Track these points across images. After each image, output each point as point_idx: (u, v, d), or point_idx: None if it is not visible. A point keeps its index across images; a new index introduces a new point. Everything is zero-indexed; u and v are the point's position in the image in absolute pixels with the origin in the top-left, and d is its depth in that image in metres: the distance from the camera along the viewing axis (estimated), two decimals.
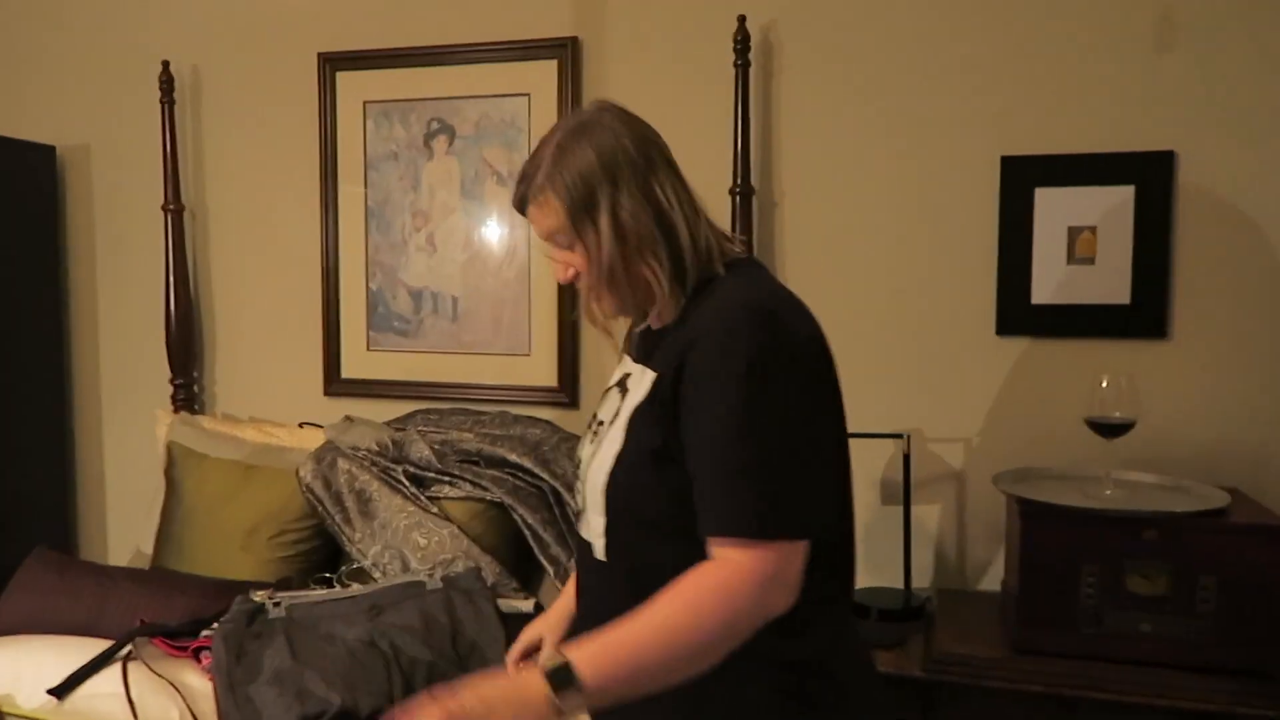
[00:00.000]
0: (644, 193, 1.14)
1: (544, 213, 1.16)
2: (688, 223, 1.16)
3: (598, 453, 1.20)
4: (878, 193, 2.15)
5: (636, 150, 1.15)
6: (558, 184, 1.13)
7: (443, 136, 2.44)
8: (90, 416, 2.81)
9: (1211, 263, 1.98)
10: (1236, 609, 1.66)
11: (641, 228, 1.13)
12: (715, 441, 1.06)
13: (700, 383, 1.08)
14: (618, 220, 1.13)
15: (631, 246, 1.14)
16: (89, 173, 2.75)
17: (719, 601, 1.02)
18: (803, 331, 1.13)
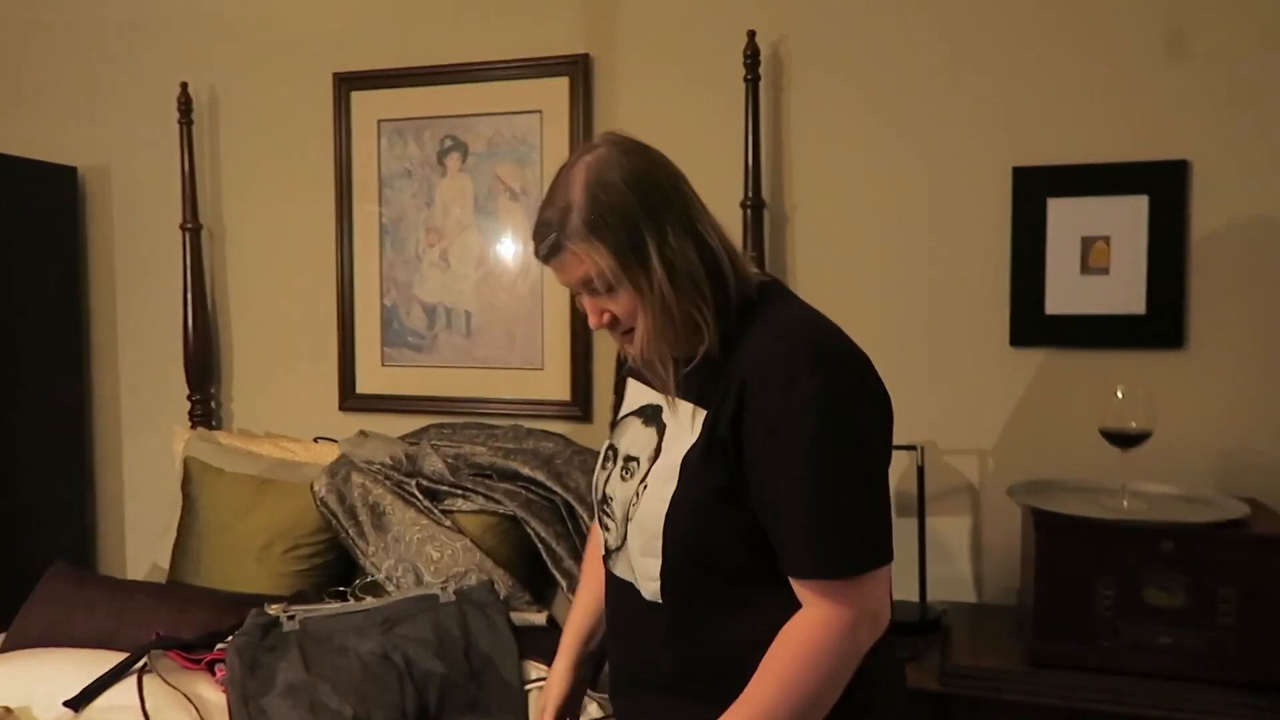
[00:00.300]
0: (686, 229, 1.11)
1: (582, 260, 1.09)
2: (727, 251, 1.14)
3: (645, 494, 1.16)
4: (889, 204, 2.15)
5: (669, 183, 1.12)
6: (600, 229, 1.07)
7: (456, 154, 2.47)
8: (109, 433, 2.84)
9: (1227, 272, 1.96)
10: (1257, 621, 1.63)
11: (691, 267, 1.10)
12: (796, 478, 1.05)
13: (769, 419, 1.06)
14: (668, 261, 1.08)
15: (683, 287, 1.09)
16: (109, 193, 2.79)
17: (831, 655, 1.06)
18: (857, 356, 1.12)
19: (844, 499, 1.06)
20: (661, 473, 1.14)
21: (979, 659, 1.78)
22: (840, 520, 1.06)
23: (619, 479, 1.22)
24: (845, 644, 1.06)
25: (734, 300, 1.13)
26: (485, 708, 1.59)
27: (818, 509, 1.05)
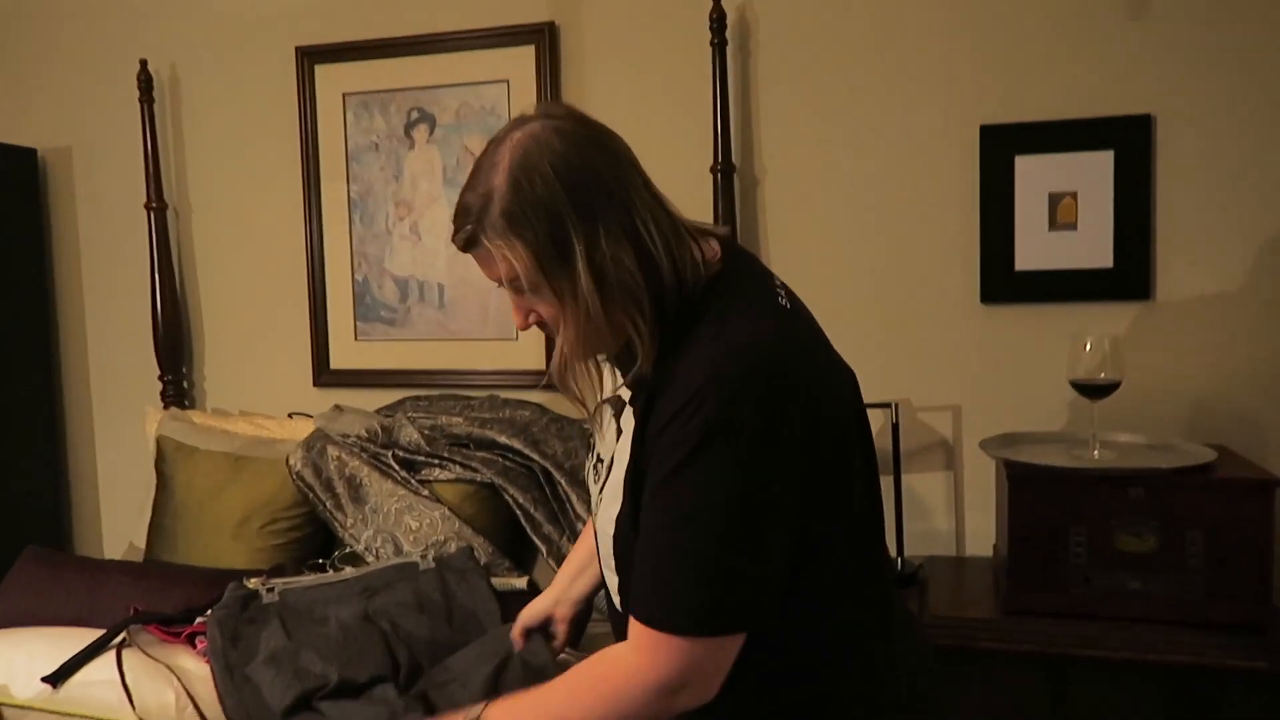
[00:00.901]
0: (624, 229, 0.97)
1: (501, 258, 0.97)
2: (671, 256, 0.99)
3: (600, 507, 1.11)
4: (858, 166, 2.16)
5: (610, 173, 0.98)
6: (521, 226, 0.95)
7: (423, 126, 2.45)
8: (81, 415, 2.81)
9: (1192, 223, 1.99)
10: (1224, 564, 1.67)
11: (623, 273, 0.96)
12: (657, 518, 0.97)
13: (653, 459, 0.98)
14: (597, 267, 0.95)
15: (612, 295, 0.97)
16: (71, 174, 2.75)
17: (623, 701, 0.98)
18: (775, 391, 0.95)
19: (692, 553, 0.94)
20: (611, 489, 1.08)
21: (955, 609, 1.81)
22: (680, 573, 0.94)
23: (592, 474, 1.17)
24: (646, 701, 0.97)
25: (672, 309, 1.00)
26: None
27: (661, 551, 0.96)
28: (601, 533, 1.11)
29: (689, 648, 0.95)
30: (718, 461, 0.93)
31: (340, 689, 1.42)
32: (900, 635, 1.15)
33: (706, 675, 0.97)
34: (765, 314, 1.02)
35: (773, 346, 0.98)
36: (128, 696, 1.44)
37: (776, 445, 0.95)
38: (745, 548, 0.95)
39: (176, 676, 1.41)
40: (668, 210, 1.03)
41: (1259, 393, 1.97)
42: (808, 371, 1.00)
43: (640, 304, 0.98)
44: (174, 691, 1.39)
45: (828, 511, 1.02)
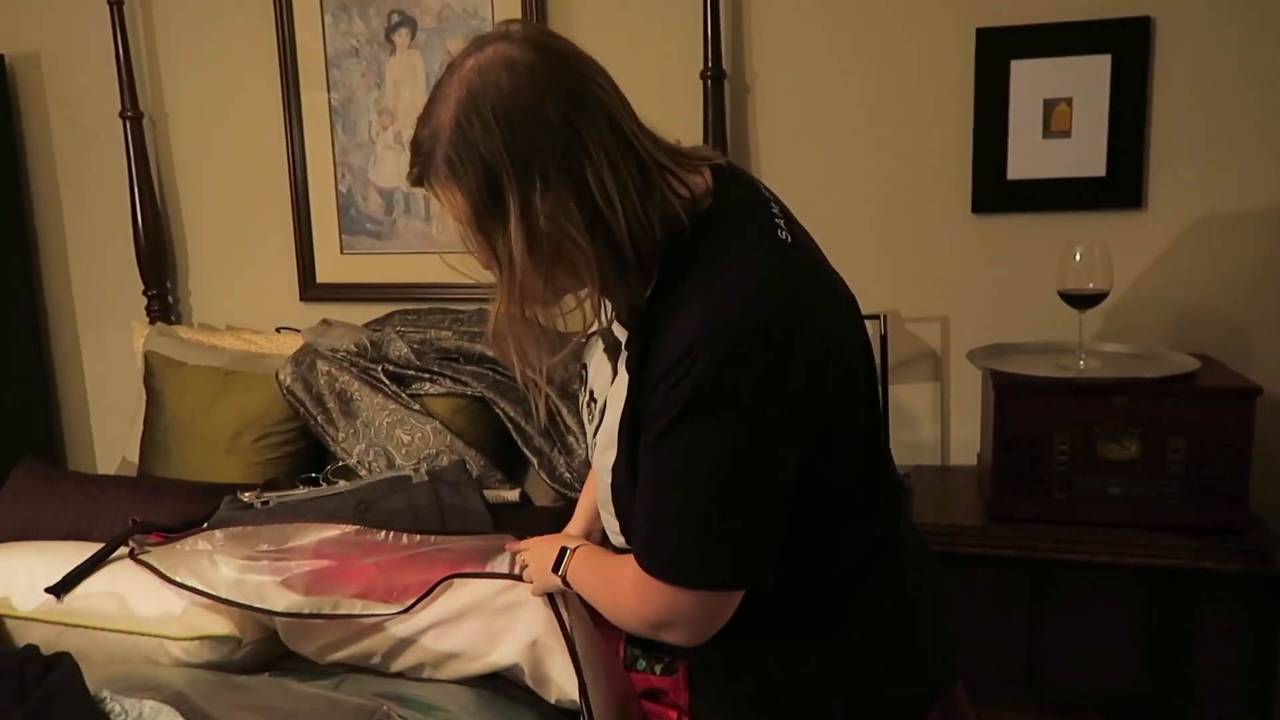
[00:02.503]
0: (571, 182, 0.90)
1: (446, 199, 0.93)
2: (629, 212, 0.91)
3: (595, 450, 1.10)
4: (852, 71, 2.11)
5: (561, 118, 0.89)
6: (460, 173, 0.90)
7: (404, 30, 2.37)
8: (66, 332, 2.79)
9: (1188, 131, 1.96)
10: (1204, 470, 1.70)
11: (563, 233, 0.89)
12: (652, 470, 0.95)
13: (649, 412, 0.94)
14: (529, 225, 0.89)
15: (542, 257, 0.91)
16: (41, 80, 2.67)
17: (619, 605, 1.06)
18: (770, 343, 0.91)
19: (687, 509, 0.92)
20: (605, 435, 1.06)
21: (939, 516, 1.85)
22: (671, 528, 0.94)
23: (586, 410, 1.14)
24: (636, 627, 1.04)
25: (632, 263, 0.94)
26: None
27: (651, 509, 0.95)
28: (599, 475, 1.10)
29: (676, 596, 0.95)
30: (711, 423, 0.90)
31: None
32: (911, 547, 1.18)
33: (694, 622, 0.97)
34: (762, 254, 0.96)
35: (771, 295, 0.92)
36: (162, 577, 1.48)
37: (774, 403, 0.91)
38: (739, 509, 0.93)
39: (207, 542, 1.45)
40: (639, 155, 0.94)
41: (1245, 302, 1.98)
42: (811, 316, 0.95)
43: (583, 266, 0.92)
44: (202, 554, 1.43)
45: (831, 455, 1.00)
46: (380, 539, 1.50)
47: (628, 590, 1.01)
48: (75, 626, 1.53)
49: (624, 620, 1.06)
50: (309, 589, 1.43)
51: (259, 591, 1.43)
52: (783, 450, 0.94)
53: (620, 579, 1.03)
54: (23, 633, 1.55)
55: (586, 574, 1.19)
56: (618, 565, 1.07)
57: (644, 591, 0.98)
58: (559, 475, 1.96)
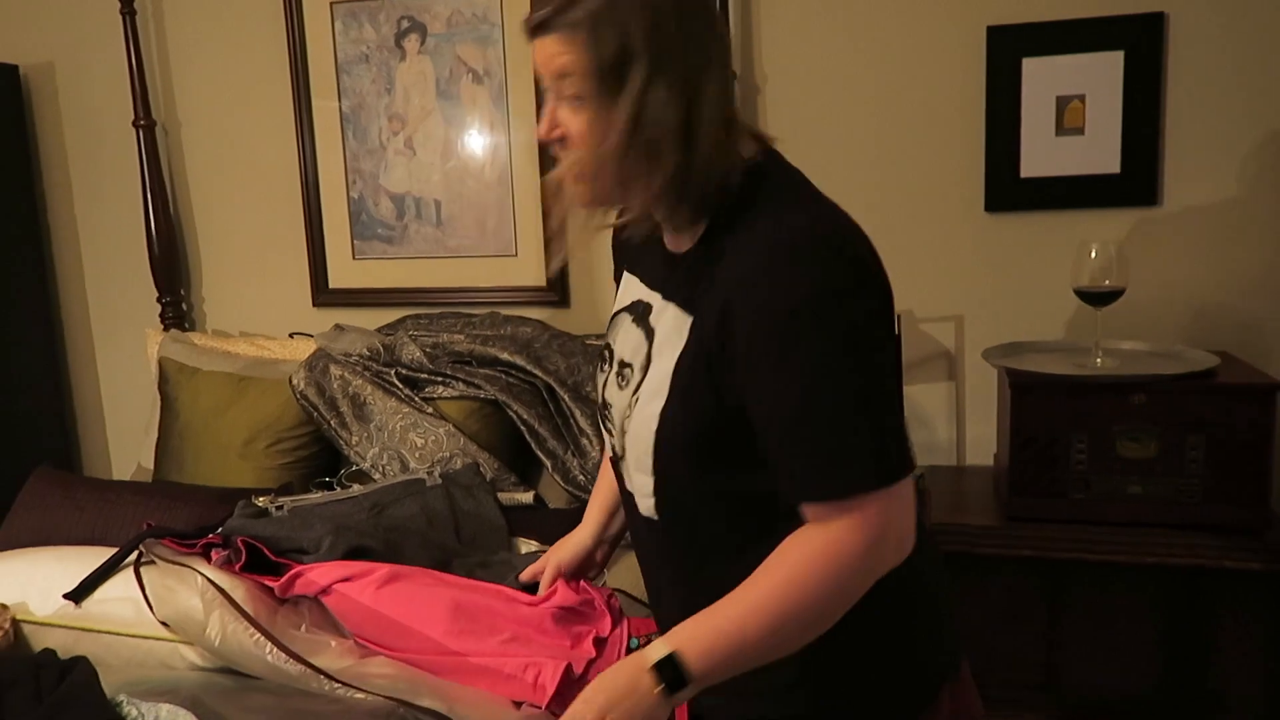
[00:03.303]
0: (683, 89, 0.95)
1: (562, 50, 0.95)
2: (713, 139, 0.98)
3: (637, 406, 1.06)
4: (862, 71, 2.11)
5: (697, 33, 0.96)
6: (595, 31, 0.93)
7: (414, 35, 2.38)
8: (81, 339, 2.80)
9: (1202, 127, 1.95)
10: (1224, 468, 1.69)
11: (663, 128, 0.95)
12: (789, 393, 0.93)
13: (760, 329, 0.93)
14: (642, 106, 0.94)
15: (642, 141, 0.95)
16: (55, 91, 2.69)
17: (827, 576, 0.94)
18: (858, 253, 0.97)
19: (844, 412, 0.92)
20: (652, 384, 1.04)
21: (955, 517, 1.83)
22: (841, 435, 0.93)
23: (615, 385, 1.12)
24: (853, 569, 0.94)
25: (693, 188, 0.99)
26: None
27: (814, 425, 0.93)
28: (634, 435, 1.06)
29: (874, 503, 0.93)
30: (833, 327, 0.92)
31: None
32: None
33: (900, 523, 0.95)
34: (822, 199, 1.03)
35: (848, 222, 1.00)
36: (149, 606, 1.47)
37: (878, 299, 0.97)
38: (881, 399, 0.95)
39: (200, 574, 1.43)
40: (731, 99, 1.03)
41: (1264, 298, 1.96)
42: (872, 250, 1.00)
43: (664, 164, 0.96)
44: (199, 590, 1.42)
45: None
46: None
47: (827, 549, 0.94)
48: (92, 631, 1.53)
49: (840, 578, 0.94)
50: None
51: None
52: (886, 351, 0.97)
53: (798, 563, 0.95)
54: (40, 637, 1.55)
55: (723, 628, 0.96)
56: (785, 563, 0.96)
57: (849, 522, 0.93)
58: (572, 477, 1.96)
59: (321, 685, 1.32)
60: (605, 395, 1.14)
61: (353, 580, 1.41)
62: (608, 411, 1.14)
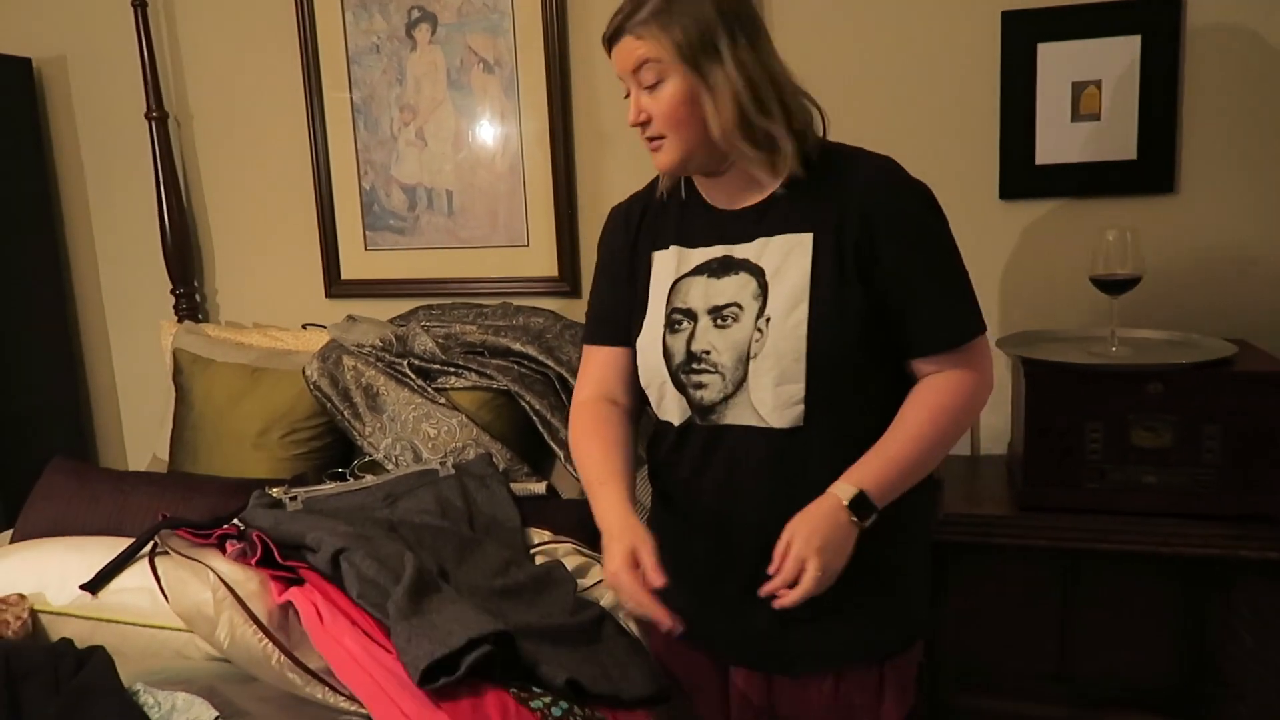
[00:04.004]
0: (759, 52, 1.19)
1: (642, 44, 1.17)
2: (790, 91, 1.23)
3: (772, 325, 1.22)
4: (875, 56, 2.09)
5: (748, 14, 1.21)
6: (670, 22, 1.16)
7: (425, 25, 2.37)
8: (96, 331, 2.82)
9: (1220, 113, 1.92)
10: (1240, 456, 1.67)
11: (762, 81, 1.18)
12: (935, 269, 1.25)
13: (908, 228, 1.23)
14: (743, 65, 1.17)
15: (758, 93, 1.18)
16: (67, 83, 2.69)
17: (961, 404, 1.25)
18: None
19: (965, 279, 1.27)
20: (784, 302, 1.22)
21: (970, 507, 1.82)
22: (967, 295, 1.27)
23: (715, 329, 1.25)
24: (978, 397, 1.27)
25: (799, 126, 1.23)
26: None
27: (954, 289, 1.26)
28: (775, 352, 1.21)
29: (982, 345, 1.29)
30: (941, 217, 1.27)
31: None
32: None
33: (991, 363, 1.31)
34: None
35: None
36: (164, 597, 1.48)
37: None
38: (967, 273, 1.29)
39: (213, 571, 1.44)
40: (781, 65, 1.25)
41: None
42: None
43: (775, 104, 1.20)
44: (210, 587, 1.42)
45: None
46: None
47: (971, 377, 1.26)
48: (108, 621, 1.54)
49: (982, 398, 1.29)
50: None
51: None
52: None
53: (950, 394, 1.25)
54: (57, 627, 1.56)
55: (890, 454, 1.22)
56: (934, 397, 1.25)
57: (983, 358, 1.29)
58: None
59: (325, 697, 1.33)
60: (694, 348, 1.26)
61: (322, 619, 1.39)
62: (701, 362, 1.25)
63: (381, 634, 1.34)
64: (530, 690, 1.29)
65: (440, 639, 1.26)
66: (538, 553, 1.69)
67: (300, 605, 1.40)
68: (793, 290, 1.22)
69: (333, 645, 1.34)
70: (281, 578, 1.48)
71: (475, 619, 1.30)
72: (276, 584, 1.47)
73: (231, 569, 1.47)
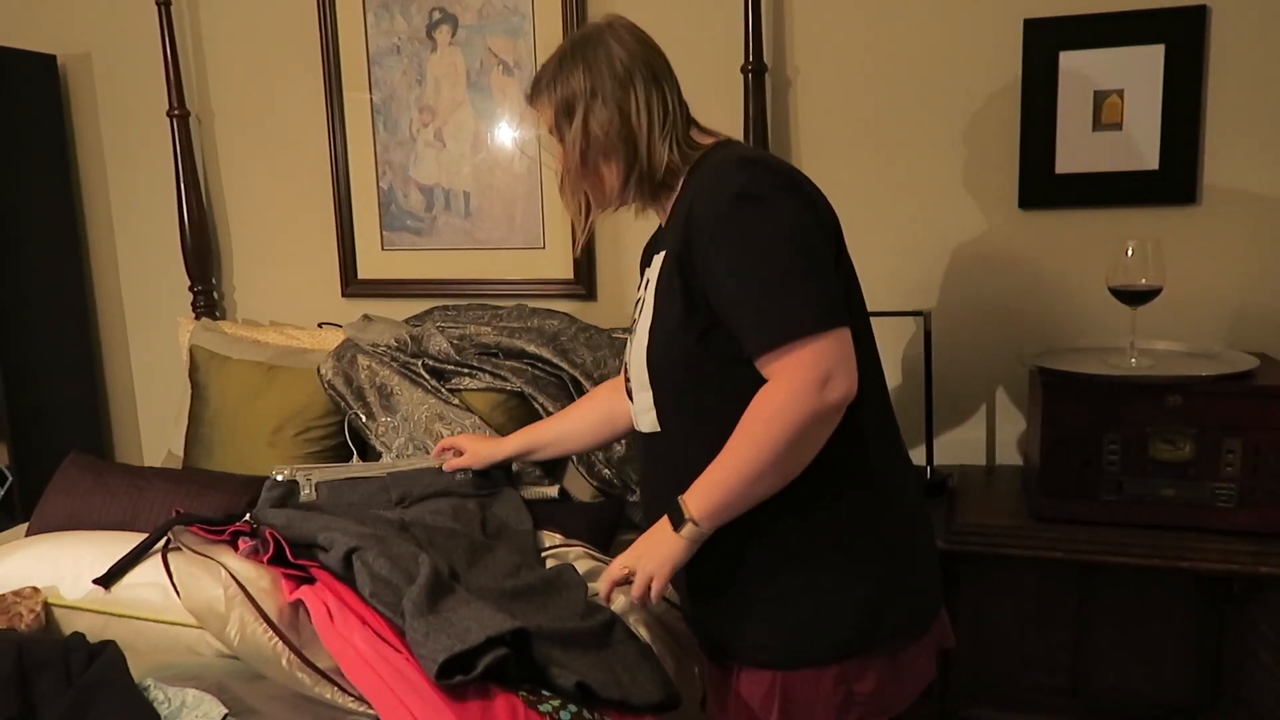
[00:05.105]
0: (618, 107, 1.29)
1: (542, 110, 1.36)
2: (649, 139, 1.29)
3: (633, 340, 1.35)
4: (895, 64, 2.08)
5: (624, 68, 1.30)
6: (551, 91, 1.33)
7: (445, 27, 2.38)
8: (115, 327, 2.84)
9: (1243, 123, 1.91)
10: (1261, 471, 1.65)
11: (606, 138, 1.29)
12: (734, 269, 1.18)
13: (704, 229, 1.20)
14: (587, 128, 1.30)
15: (594, 150, 1.30)
16: (91, 80, 2.72)
17: (780, 423, 1.16)
18: (778, 164, 1.27)
19: (776, 276, 1.17)
20: (643, 316, 1.33)
21: (985, 517, 1.81)
22: (777, 294, 1.16)
23: (627, 344, 1.39)
24: (806, 401, 1.15)
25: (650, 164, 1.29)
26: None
27: (756, 289, 1.17)
28: (634, 360, 1.33)
29: (817, 343, 1.15)
30: (759, 207, 1.18)
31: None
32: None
33: (842, 363, 1.16)
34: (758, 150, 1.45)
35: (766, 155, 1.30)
36: (176, 593, 1.48)
37: (797, 197, 1.22)
38: (813, 261, 1.19)
39: (225, 568, 1.45)
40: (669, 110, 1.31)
41: None
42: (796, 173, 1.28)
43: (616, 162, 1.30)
44: (222, 584, 1.43)
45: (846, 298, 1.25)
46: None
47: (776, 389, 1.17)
48: (120, 616, 1.55)
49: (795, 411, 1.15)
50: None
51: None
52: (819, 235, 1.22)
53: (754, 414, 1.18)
54: (70, 621, 1.57)
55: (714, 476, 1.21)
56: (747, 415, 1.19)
57: (793, 363, 1.15)
58: (597, 471, 1.96)
59: (334, 697, 1.33)
60: (624, 356, 1.42)
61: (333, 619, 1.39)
62: (627, 369, 1.38)
63: (392, 634, 1.34)
64: (539, 693, 1.28)
65: (458, 635, 1.26)
66: (549, 556, 1.69)
67: (310, 604, 1.41)
68: (646, 305, 1.32)
69: (342, 644, 1.34)
70: (293, 576, 1.48)
71: (492, 618, 1.30)
72: (288, 582, 1.47)
73: (243, 566, 1.47)
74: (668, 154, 1.30)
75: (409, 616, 1.32)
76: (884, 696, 1.31)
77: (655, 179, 1.31)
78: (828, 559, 1.26)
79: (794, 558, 1.26)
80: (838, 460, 1.23)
